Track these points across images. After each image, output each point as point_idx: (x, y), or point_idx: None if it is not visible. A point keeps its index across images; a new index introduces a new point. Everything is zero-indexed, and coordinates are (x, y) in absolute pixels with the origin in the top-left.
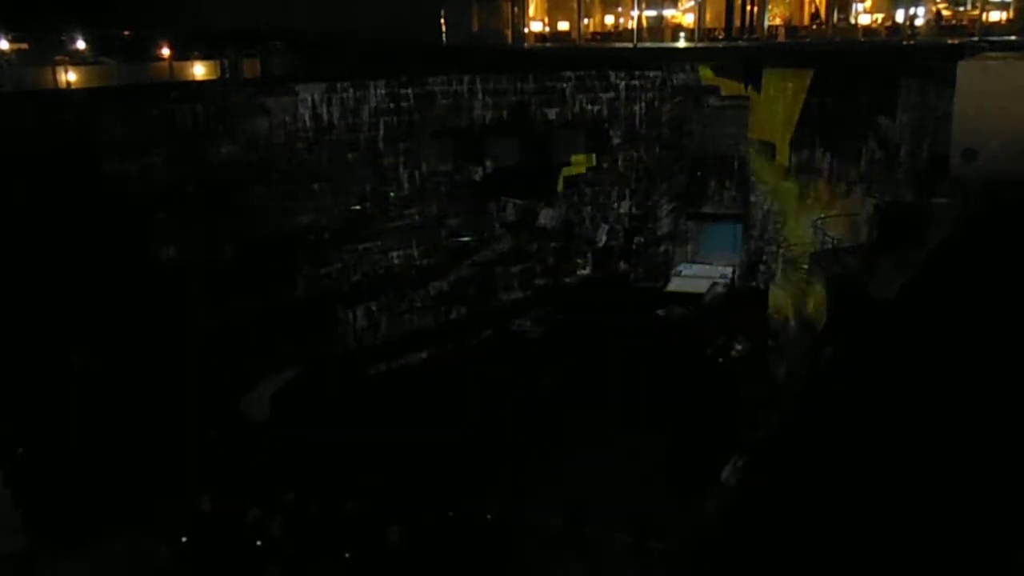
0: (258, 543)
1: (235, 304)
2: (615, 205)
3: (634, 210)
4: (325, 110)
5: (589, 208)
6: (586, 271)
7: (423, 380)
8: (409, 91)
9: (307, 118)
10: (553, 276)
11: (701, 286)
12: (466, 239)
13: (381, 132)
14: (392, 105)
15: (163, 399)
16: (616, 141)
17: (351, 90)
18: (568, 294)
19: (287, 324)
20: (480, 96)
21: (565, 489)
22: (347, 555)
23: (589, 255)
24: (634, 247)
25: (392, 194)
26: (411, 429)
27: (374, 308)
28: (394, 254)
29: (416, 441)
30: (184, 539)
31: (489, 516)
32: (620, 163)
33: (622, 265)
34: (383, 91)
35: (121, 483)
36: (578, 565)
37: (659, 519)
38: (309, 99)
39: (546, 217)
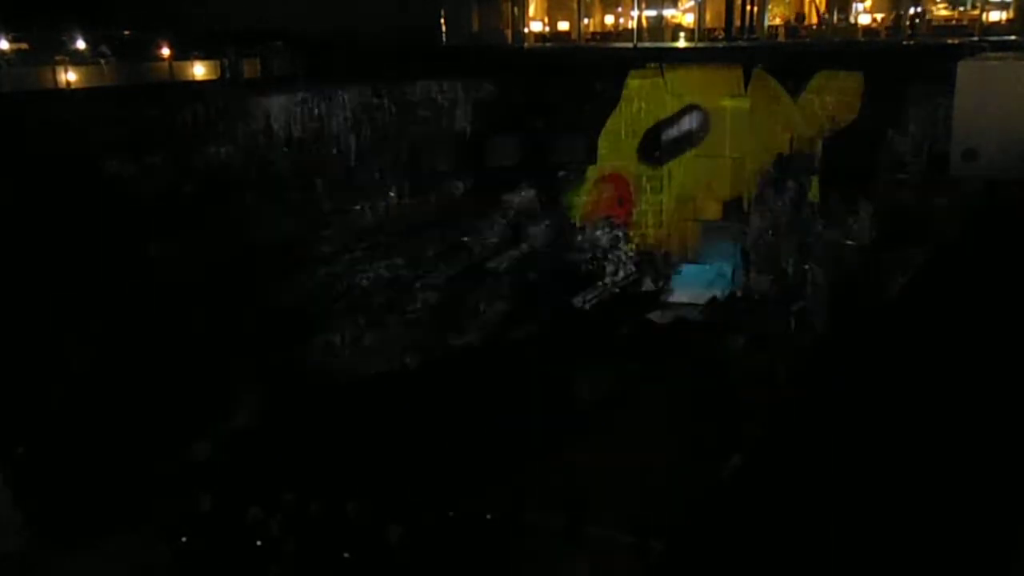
0: (258, 543)
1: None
2: None
3: None
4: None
5: None
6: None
7: (422, 383)
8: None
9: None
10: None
11: (701, 287)
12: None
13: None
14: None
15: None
16: None
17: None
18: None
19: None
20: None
21: (565, 489)
22: (347, 555)
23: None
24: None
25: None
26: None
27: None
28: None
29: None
30: (184, 539)
31: (489, 516)
32: None
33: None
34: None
35: (121, 483)
36: (578, 565)
37: (659, 519)
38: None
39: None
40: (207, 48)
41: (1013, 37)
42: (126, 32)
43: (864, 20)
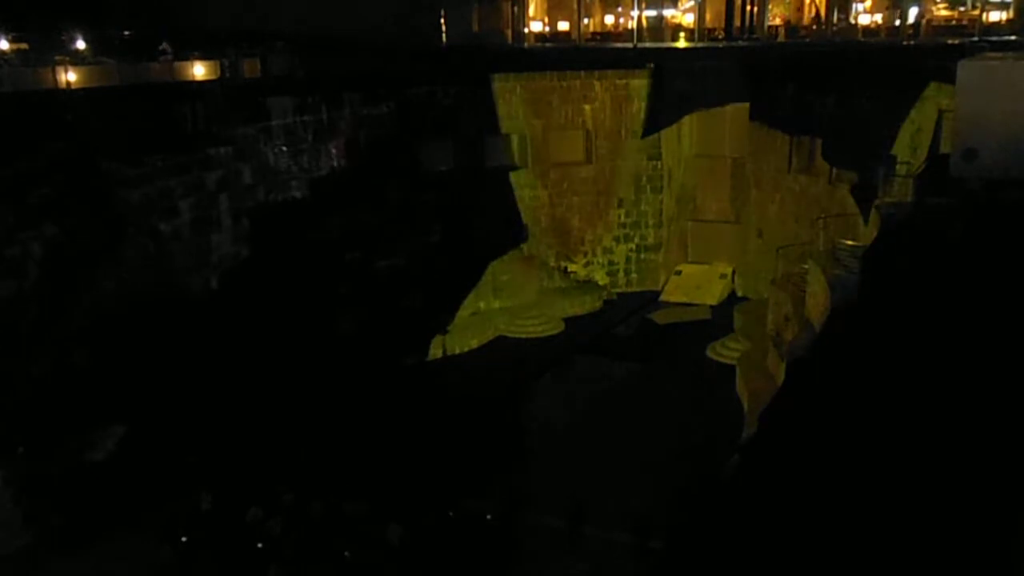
0: (258, 543)
1: None
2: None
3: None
4: None
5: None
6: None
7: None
8: None
9: None
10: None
11: (700, 287)
12: None
13: None
14: None
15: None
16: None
17: None
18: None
19: None
20: None
21: (565, 489)
22: (347, 555)
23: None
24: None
25: None
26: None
27: None
28: None
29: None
30: (184, 539)
31: (489, 516)
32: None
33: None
34: None
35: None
36: (578, 565)
37: (659, 519)
38: None
39: None
40: (207, 48)
41: (1013, 37)
42: (126, 32)
43: (863, 20)
